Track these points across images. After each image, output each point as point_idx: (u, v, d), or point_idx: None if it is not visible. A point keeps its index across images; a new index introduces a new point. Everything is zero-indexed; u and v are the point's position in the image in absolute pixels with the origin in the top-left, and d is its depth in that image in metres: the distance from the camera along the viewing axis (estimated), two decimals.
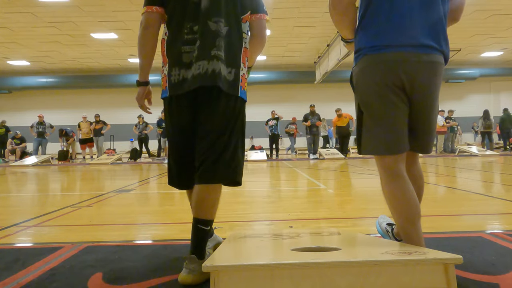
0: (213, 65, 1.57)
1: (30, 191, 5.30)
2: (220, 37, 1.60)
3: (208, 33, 1.59)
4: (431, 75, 1.52)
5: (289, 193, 4.41)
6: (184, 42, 1.61)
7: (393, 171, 1.55)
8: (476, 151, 12.04)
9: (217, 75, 1.57)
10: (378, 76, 1.51)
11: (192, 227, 1.61)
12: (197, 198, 1.62)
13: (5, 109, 18.84)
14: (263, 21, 1.76)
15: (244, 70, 1.68)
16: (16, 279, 1.58)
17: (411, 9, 1.49)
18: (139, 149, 13.40)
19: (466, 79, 18.14)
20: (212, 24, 1.60)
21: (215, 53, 1.58)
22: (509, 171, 6.59)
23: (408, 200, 1.52)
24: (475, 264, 1.63)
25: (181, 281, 1.49)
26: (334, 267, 1.20)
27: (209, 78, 1.56)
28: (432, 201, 3.49)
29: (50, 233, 2.58)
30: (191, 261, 1.52)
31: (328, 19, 11.52)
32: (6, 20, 11.18)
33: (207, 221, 1.62)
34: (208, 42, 1.58)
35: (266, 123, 13.18)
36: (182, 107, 1.64)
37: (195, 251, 1.56)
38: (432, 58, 1.51)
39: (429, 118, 1.59)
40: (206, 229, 1.61)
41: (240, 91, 1.65)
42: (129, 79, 17.45)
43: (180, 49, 1.62)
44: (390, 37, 1.50)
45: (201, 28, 1.59)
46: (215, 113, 1.60)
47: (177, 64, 1.62)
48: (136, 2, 10.01)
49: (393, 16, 1.50)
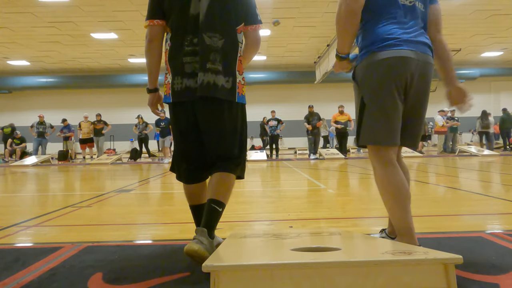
0: (208, 77, 1.71)
1: (30, 191, 5.30)
2: (215, 51, 1.73)
3: (204, 47, 1.72)
4: (428, 74, 1.67)
5: (289, 193, 4.41)
6: (185, 53, 1.75)
7: (388, 160, 1.67)
8: (476, 151, 12.04)
9: (212, 87, 1.72)
10: (383, 73, 1.62)
11: (206, 206, 1.71)
12: (215, 181, 1.76)
13: (5, 109, 18.85)
14: (257, 32, 1.88)
15: (240, 77, 1.82)
16: (16, 279, 1.58)
17: (412, 10, 1.64)
18: (139, 149, 13.39)
19: (466, 79, 18.14)
20: (207, 39, 1.73)
21: (210, 66, 1.72)
22: (509, 171, 6.59)
23: (402, 184, 1.63)
24: (475, 264, 1.63)
25: (187, 249, 1.53)
26: (334, 267, 1.20)
27: (205, 89, 1.71)
28: (432, 201, 3.50)
29: (50, 233, 2.58)
30: (202, 234, 1.59)
31: (328, 19, 11.54)
32: (6, 20, 11.18)
33: (221, 203, 1.73)
34: (205, 55, 1.72)
35: (266, 123, 13.17)
36: (186, 112, 1.80)
37: (206, 226, 1.64)
38: (429, 59, 1.67)
39: (422, 115, 1.73)
40: (219, 210, 1.71)
41: (237, 97, 1.79)
42: (129, 79, 17.46)
43: (181, 60, 1.75)
44: (395, 36, 1.62)
45: (200, 41, 1.73)
46: (216, 118, 1.77)
47: (180, 74, 1.76)
48: (136, 2, 10.02)
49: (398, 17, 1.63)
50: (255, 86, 17.23)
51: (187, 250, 1.53)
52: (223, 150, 1.80)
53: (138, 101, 15.91)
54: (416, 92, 1.67)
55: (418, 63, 1.62)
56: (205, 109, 1.77)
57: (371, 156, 1.73)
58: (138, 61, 16.27)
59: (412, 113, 1.70)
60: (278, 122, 12.95)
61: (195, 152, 1.86)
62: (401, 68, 1.60)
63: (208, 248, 1.56)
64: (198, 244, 1.54)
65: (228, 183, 1.78)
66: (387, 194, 1.66)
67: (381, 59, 1.62)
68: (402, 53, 1.60)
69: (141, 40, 12.48)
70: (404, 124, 1.69)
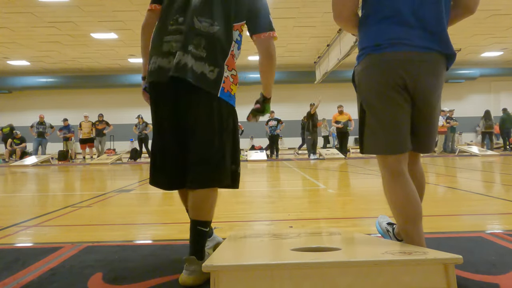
0: (187, 60, 1.55)
1: (30, 191, 5.30)
2: (202, 36, 1.58)
3: (190, 28, 1.59)
4: (433, 75, 1.52)
5: (289, 193, 4.40)
6: (167, 33, 1.63)
7: (395, 170, 1.54)
8: (476, 151, 12.03)
9: (189, 70, 1.54)
10: (381, 76, 1.52)
11: (190, 229, 1.59)
12: (194, 201, 1.60)
13: (5, 109, 18.83)
14: (269, 39, 1.67)
15: (228, 73, 1.63)
16: (16, 279, 1.58)
17: (412, 8, 1.49)
18: (139, 149, 13.39)
19: (466, 79, 18.13)
20: (196, 22, 1.59)
21: (192, 49, 1.57)
22: (509, 171, 6.59)
23: (410, 200, 1.52)
24: (475, 264, 1.62)
25: (182, 282, 1.49)
26: (334, 267, 1.20)
27: (180, 70, 1.54)
28: (432, 201, 3.49)
29: (50, 233, 2.58)
30: (191, 263, 1.51)
31: (328, 19, 11.53)
32: (6, 20, 11.17)
33: (206, 222, 1.61)
34: (189, 37, 1.58)
35: (266, 123, 13.17)
36: (163, 97, 1.63)
37: (194, 253, 1.55)
38: (434, 58, 1.51)
39: (431, 118, 1.59)
40: (205, 230, 1.60)
41: (221, 91, 1.59)
42: (129, 79, 17.44)
43: (162, 39, 1.64)
44: (393, 36, 1.50)
45: (187, 22, 1.60)
46: (195, 110, 1.58)
47: (156, 53, 1.64)
48: (136, 2, 10.01)
49: (394, 15, 1.50)
50: (255, 86, 17.21)
51: (182, 283, 1.49)
52: (197, 151, 1.57)
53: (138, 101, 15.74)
54: (422, 92, 1.52)
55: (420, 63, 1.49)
56: (183, 97, 1.58)
57: (378, 164, 1.63)
58: (138, 61, 16.25)
59: (420, 116, 1.56)
60: (278, 122, 12.94)
61: (174, 150, 1.63)
62: (399, 70, 1.49)
63: (200, 272, 1.48)
64: (191, 276, 1.49)
65: (210, 199, 1.61)
66: (393, 207, 1.57)
67: (377, 61, 1.52)
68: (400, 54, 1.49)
69: None
70: (413, 129, 1.56)
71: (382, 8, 1.52)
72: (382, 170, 1.61)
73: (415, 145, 1.59)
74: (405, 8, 1.49)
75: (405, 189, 1.52)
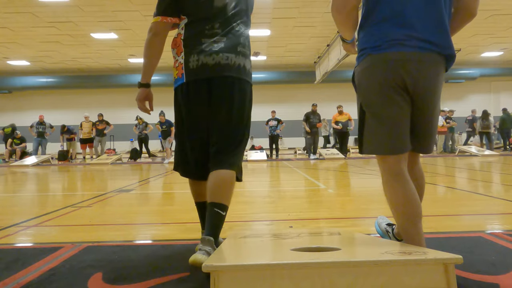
0: (239, 60, 1.77)
1: (30, 191, 5.30)
2: (244, 37, 1.82)
3: (234, 32, 1.78)
4: (433, 75, 1.52)
5: (289, 193, 4.40)
6: (206, 36, 1.75)
7: (395, 171, 1.54)
8: (476, 151, 12.03)
9: (242, 69, 1.77)
10: (381, 76, 1.51)
11: (207, 211, 1.64)
12: (215, 181, 1.68)
13: (5, 109, 18.84)
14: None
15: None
16: (16, 279, 1.58)
17: (413, 8, 1.48)
18: (139, 149, 13.39)
19: (466, 79, 18.13)
20: (236, 25, 1.80)
21: (240, 49, 1.78)
22: (509, 171, 6.59)
23: (409, 200, 1.52)
24: (475, 264, 1.62)
25: (194, 261, 1.47)
26: (334, 267, 1.20)
27: (236, 70, 1.74)
28: (432, 201, 3.49)
29: (50, 233, 2.58)
30: (207, 243, 1.53)
31: (328, 19, 11.53)
32: (6, 20, 11.18)
33: (224, 205, 1.65)
34: (236, 39, 1.78)
35: (267, 123, 13.17)
36: (200, 92, 1.74)
37: (212, 234, 1.58)
38: (434, 58, 1.51)
39: (431, 118, 1.59)
40: (222, 214, 1.64)
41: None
42: (129, 79, 17.44)
43: (200, 40, 1.74)
44: (392, 37, 1.49)
45: (228, 27, 1.77)
46: (231, 103, 1.74)
47: (196, 52, 1.73)
48: (136, 2, 10.01)
49: (394, 16, 1.49)
50: (255, 86, 16.80)
51: (193, 262, 1.46)
52: (227, 139, 1.73)
53: None
54: (422, 93, 1.52)
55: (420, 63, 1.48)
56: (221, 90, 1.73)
57: (378, 164, 1.64)
58: (138, 61, 16.25)
59: (419, 116, 1.56)
60: (278, 122, 12.94)
61: (203, 141, 1.77)
62: (399, 70, 1.48)
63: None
64: (204, 255, 1.47)
65: (230, 182, 1.70)
66: (392, 207, 1.58)
67: (377, 62, 1.52)
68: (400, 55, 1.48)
69: (141, 40, 12.47)
70: (413, 129, 1.57)
71: (382, 9, 1.51)
72: (381, 170, 1.61)
73: (414, 145, 1.60)
74: (406, 9, 1.48)
75: (405, 189, 1.53)
